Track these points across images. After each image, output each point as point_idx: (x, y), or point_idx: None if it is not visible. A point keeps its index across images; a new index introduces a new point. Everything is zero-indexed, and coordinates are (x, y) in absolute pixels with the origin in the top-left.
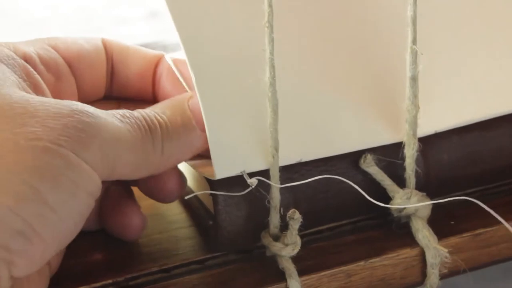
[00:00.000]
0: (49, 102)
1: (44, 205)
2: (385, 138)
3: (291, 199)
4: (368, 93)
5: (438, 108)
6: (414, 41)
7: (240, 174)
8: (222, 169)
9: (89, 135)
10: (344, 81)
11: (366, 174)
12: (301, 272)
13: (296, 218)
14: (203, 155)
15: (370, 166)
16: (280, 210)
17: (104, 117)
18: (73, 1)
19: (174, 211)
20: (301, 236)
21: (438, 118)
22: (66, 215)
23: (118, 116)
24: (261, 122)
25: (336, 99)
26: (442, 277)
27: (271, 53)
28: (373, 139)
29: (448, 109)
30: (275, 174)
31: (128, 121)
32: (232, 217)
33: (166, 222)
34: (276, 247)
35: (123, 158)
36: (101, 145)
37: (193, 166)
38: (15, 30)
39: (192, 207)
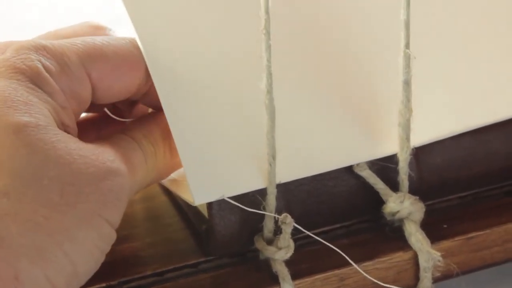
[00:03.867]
0: (87, 156)
1: (74, 275)
2: (379, 151)
3: (284, 203)
4: (361, 106)
5: (419, 121)
6: (407, 45)
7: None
8: (201, 194)
9: (121, 198)
10: (334, 95)
11: (359, 178)
12: (294, 276)
13: (288, 222)
14: None
15: (363, 170)
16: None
17: (127, 169)
18: (67, 3)
19: (168, 214)
20: (295, 240)
21: (419, 131)
22: (86, 278)
23: (129, 156)
24: (244, 137)
25: (325, 114)
26: (435, 280)
27: (268, 60)
28: (366, 153)
29: (429, 122)
30: (272, 182)
31: (136, 162)
32: (226, 221)
33: (160, 225)
34: (269, 251)
35: (129, 200)
36: (126, 203)
37: (174, 189)
38: (10, 32)
39: (185, 211)
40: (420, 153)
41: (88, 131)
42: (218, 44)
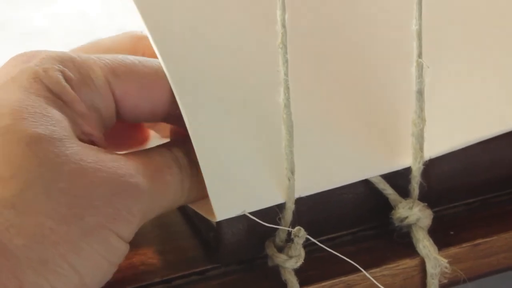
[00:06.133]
0: (103, 170)
1: (81, 286)
2: (395, 164)
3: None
4: (376, 118)
5: (432, 132)
6: (420, 55)
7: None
8: (223, 210)
9: (134, 214)
10: (349, 108)
11: (366, 184)
12: (302, 283)
13: (301, 235)
14: None
15: None
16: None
17: (151, 186)
18: (73, 10)
19: (176, 222)
20: (302, 247)
21: (433, 143)
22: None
23: (162, 172)
24: (263, 152)
25: (341, 127)
26: (442, 287)
27: (286, 74)
28: (383, 166)
29: (442, 134)
30: (291, 197)
31: (169, 180)
32: (234, 229)
33: (168, 233)
34: (280, 259)
35: (153, 215)
36: (142, 218)
37: (194, 206)
38: (15, 39)
39: (193, 218)
40: (427, 160)
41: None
42: (235, 60)
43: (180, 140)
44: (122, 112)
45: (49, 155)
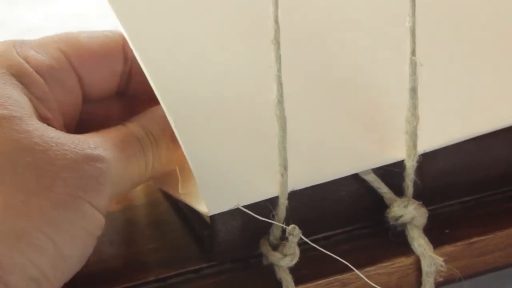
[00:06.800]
0: (65, 144)
1: (60, 257)
2: (388, 157)
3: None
4: (369, 113)
5: (426, 127)
6: (413, 52)
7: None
8: (215, 204)
9: (102, 183)
10: (342, 102)
11: (361, 182)
12: (297, 281)
13: (295, 234)
14: None
15: (368, 174)
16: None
17: (114, 156)
18: (72, 11)
19: (171, 220)
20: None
21: (427, 137)
22: (77, 262)
23: (121, 145)
24: (256, 146)
25: (334, 121)
26: (437, 285)
27: (279, 70)
28: (375, 159)
29: (436, 128)
30: (284, 193)
31: (130, 152)
32: (228, 226)
33: (163, 231)
34: (274, 257)
35: (124, 188)
36: (111, 189)
37: (187, 200)
38: (13, 37)
39: (187, 216)
40: (422, 158)
41: None
42: (228, 55)
43: (137, 115)
44: (85, 83)
45: (11, 132)
